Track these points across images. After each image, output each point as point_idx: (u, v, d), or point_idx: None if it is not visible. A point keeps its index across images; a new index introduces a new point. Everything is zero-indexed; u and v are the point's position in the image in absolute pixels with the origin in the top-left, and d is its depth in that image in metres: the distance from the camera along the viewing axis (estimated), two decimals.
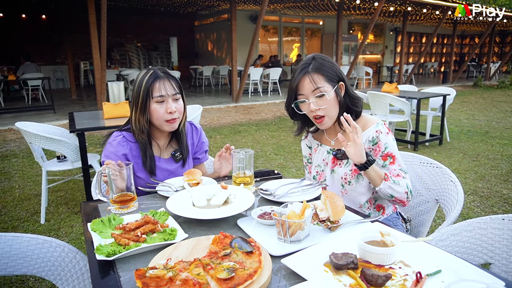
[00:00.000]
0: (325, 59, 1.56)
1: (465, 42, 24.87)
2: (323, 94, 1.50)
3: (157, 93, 1.60)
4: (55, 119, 7.70)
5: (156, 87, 1.60)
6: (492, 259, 1.15)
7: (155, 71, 1.63)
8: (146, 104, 1.61)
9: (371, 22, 11.28)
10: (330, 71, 1.53)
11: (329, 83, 1.52)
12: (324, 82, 1.51)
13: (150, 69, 1.65)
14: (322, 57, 1.57)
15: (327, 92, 1.50)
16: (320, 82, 1.51)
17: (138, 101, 1.61)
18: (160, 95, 1.60)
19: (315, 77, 1.50)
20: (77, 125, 3.29)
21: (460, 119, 8.03)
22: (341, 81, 1.56)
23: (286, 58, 18.05)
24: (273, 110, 9.45)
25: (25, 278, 2.47)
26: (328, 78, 1.52)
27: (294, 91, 1.55)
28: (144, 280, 0.84)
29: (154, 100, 1.61)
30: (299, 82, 1.53)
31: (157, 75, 1.62)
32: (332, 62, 1.57)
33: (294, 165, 4.89)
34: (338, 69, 1.56)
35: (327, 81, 1.51)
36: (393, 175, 1.49)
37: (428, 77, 19.99)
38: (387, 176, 1.46)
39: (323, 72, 1.51)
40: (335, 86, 1.53)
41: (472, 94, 12.73)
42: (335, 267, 0.90)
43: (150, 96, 1.60)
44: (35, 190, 4.11)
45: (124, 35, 15.79)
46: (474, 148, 5.57)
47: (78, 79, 14.65)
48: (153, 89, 1.60)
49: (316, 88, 1.50)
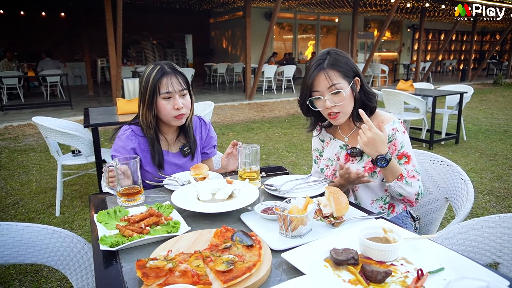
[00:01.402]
0: (340, 54, 1.52)
1: (485, 39, 24.20)
2: (339, 91, 1.46)
3: (164, 89, 1.60)
4: (72, 114, 7.86)
5: (163, 83, 1.60)
6: (501, 258, 1.12)
7: (162, 66, 1.63)
8: (153, 100, 1.61)
9: (387, 19, 11.10)
10: (345, 66, 1.49)
11: (345, 79, 1.48)
12: (340, 78, 1.47)
13: (157, 64, 1.65)
14: (337, 52, 1.53)
15: (343, 89, 1.46)
16: (336, 78, 1.47)
17: (145, 97, 1.62)
18: (167, 92, 1.60)
19: (330, 73, 1.46)
20: (91, 121, 3.36)
21: (478, 117, 7.84)
22: (356, 76, 1.52)
23: (301, 56, 17.95)
24: (287, 107, 9.42)
25: (39, 268, 2.54)
26: (344, 74, 1.48)
27: (309, 88, 1.51)
28: (144, 271, 0.85)
29: (161, 97, 1.61)
30: (314, 79, 1.48)
31: (164, 71, 1.61)
32: (347, 56, 1.53)
33: (306, 162, 4.87)
34: (353, 64, 1.52)
35: (343, 77, 1.47)
36: (410, 176, 1.46)
37: (446, 75, 19.56)
38: (401, 176, 1.44)
39: (338, 68, 1.47)
40: (351, 82, 1.49)
41: (492, 92, 12.40)
42: (335, 262, 0.89)
43: (157, 92, 1.60)
44: (51, 183, 4.21)
45: (140, 33, 15.98)
46: (491, 148, 5.43)
47: (95, 75, 14.92)
48: (160, 86, 1.60)
49: (332, 85, 1.46)
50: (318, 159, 1.78)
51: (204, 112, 3.88)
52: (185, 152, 1.77)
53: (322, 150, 1.76)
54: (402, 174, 1.45)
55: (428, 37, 21.19)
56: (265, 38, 9.75)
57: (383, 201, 1.58)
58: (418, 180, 1.46)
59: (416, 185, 1.44)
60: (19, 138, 6.39)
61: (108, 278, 0.89)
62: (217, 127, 6.95)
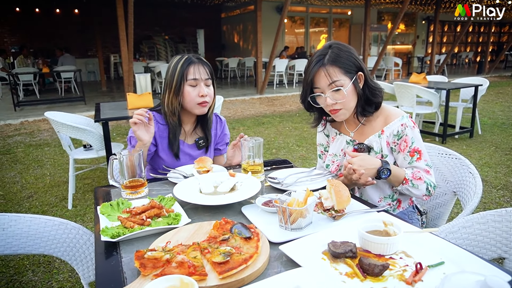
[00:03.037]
0: (342, 49, 1.46)
1: (504, 30, 23.50)
2: (340, 88, 1.42)
3: (191, 76, 1.67)
4: (86, 110, 7.98)
5: (191, 71, 1.67)
6: (507, 253, 1.09)
7: (189, 56, 1.71)
8: (180, 86, 1.68)
9: (400, 11, 10.89)
10: (347, 62, 1.43)
11: (346, 75, 1.43)
12: (340, 75, 1.42)
13: (185, 54, 1.72)
14: (339, 46, 1.47)
15: (344, 86, 1.41)
16: (336, 75, 1.41)
17: (173, 84, 1.68)
18: (194, 78, 1.68)
19: (330, 70, 1.41)
20: (102, 115, 3.40)
21: (494, 111, 7.65)
22: (360, 71, 1.46)
23: (313, 49, 17.79)
24: (298, 102, 9.27)
25: (51, 259, 2.60)
26: (345, 70, 1.42)
27: (310, 84, 1.47)
28: (142, 261, 0.86)
29: (188, 83, 1.68)
30: (314, 76, 1.44)
31: (191, 60, 1.69)
32: (350, 50, 1.47)
33: (316, 156, 4.82)
34: (356, 58, 1.46)
35: (344, 73, 1.42)
36: (415, 177, 1.42)
37: (462, 68, 19.11)
38: (406, 180, 1.42)
39: (339, 64, 1.42)
40: (353, 78, 1.44)
41: (510, 85, 12.07)
42: (333, 255, 0.89)
43: (184, 79, 1.67)
44: (64, 177, 4.30)
45: (152, 28, 16.07)
46: (508, 142, 5.30)
47: (109, 71, 15.10)
48: (188, 73, 1.67)
49: (332, 82, 1.41)
50: (323, 154, 1.75)
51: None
52: (200, 144, 1.82)
53: (327, 145, 1.72)
54: (406, 178, 1.42)
55: (444, 29, 20.69)
56: (276, 32, 9.69)
57: (391, 198, 1.55)
58: (424, 181, 1.42)
59: (423, 187, 1.42)
60: (34, 133, 6.53)
61: (107, 268, 0.91)
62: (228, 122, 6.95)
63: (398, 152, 1.49)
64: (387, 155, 1.49)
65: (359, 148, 1.51)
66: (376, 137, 1.50)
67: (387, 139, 1.49)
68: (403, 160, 1.48)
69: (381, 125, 1.52)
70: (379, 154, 1.49)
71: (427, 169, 1.45)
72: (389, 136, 1.48)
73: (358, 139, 1.57)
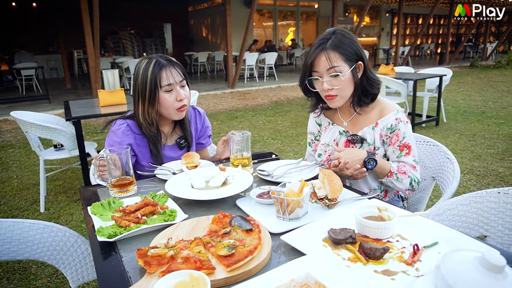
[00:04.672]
0: (346, 36, 1.45)
1: (461, 23, 24.63)
2: (338, 74, 1.43)
3: (165, 82, 1.56)
4: (51, 108, 7.64)
5: (163, 76, 1.56)
6: (488, 231, 1.17)
7: (157, 59, 1.58)
8: (155, 94, 1.57)
9: (366, 4, 11.15)
10: (349, 49, 1.43)
11: (346, 62, 1.44)
12: (340, 61, 1.43)
13: (151, 58, 1.60)
14: (343, 32, 1.46)
15: (342, 72, 1.43)
16: (337, 61, 1.43)
17: (145, 93, 1.57)
18: (169, 84, 1.57)
19: (331, 55, 1.42)
20: (73, 113, 3.27)
21: (456, 99, 8.04)
22: (360, 61, 1.46)
23: (282, 43, 17.88)
24: (269, 95, 9.41)
25: (27, 265, 2.50)
26: (346, 57, 1.43)
27: (309, 67, 1.47)
28: (146, 259, 0.85)
29: (163, 90, 1.57)
30: (314, 59, 1.44)
31: (162, 64, 1.57)
32: (353, 38, 1.47)
33: (291, 149, 4.90)
34: (358, 47, 1.46)
35: (344, 60, 1.43)
36: (400, 171, 1.46)
37: (425, 59, 19.90)
38: (390, 173, 1.46)
39: (341, 50, 1.42)
40: (353, 66, 1.45)
41: (469, 74, 12.71)
42: (334, 242, 0.91)
43: (158, 86, 1.56)
44: (33, 179, 4.11)
45: (117, 22, 15.54)
46: (470, 128, 5.59)
47: (72, 68, 14.49)
48: (161, 79, 1.56)
49: (332, 67, 1.42)
50: (313, 142, 1.76)
51: None
52: (182, 145, 1.76)
53: (318, 135, 1.74)
54: (391, 171, 1.46)
55: (407, 21, 21.41)
56: (246, 25, 9.66)
57: (380, 189, 1.59)
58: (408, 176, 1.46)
59: (407, 182, 1.46)
60: None
61: (109, 269, 0.89)
62: None
63: (388, 145, 1.52)
64: (379, 147, 1.52)
65: (352, 140, 1.53)
66: (370, 129, 1.52)
67: (381, 131, 1.51)
68: (392, 154, 1.51)
69: (375, 117, 1.53)
70: (372, 146, 1.52)
71: (414, 165, 1.49)
72: (383, 129, 1.51)
73: (351, 129, 1.58)
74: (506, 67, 14.20)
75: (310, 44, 18.18)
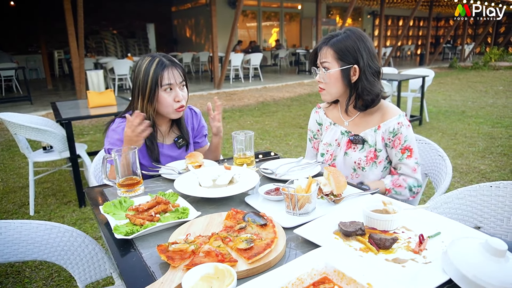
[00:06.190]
0: (351, 36, 1.49)
1: (440, 25, 25.36)
2: (325, 70, 1.52)
3: (166, 81, 1.60)
4: (33, 110, 7.48)
5: (165, 75, 1.60)
6: (482, 223, 1.25)
7: (161, 59, 1.62)
8: (155, 92, 1.61)
9: (350, 6, 11.36)
10: (345, 50, 1.48)
11: (338, 61, 1.49)
12: (332, 59, 1.50)
13: (154, 56, 1.64)
14: (349, 35, 1.50)
15: (330, 69, 1.51)
16: (328, 57, 1.51)
17: (146, 90, 1.61)
18: (169, 83, 1.61)
19: (327, 50, 1.51)
20: (63, 115, 3.24)
21: (437, 99, 8.28)
22: (356, 65, 1.49)
23: (265, 44, 17.97)
24: (256, 95, 9.47)
25: (21, 268, 2.47)
26: (339, 57, 1.49)
27: (314, 55, 1.60)
28: (168, 254, 0.88)
29: (163, 89, 1.61)
30: (317, 49, 1.57)
31: (164, 64, 1.61)
32: (357, 41, 1.48)
33: (280, 149, 4.97)
34: (360, 52, 1.47)
35: (336, 59, 1.49)
36: (396, 185, 1.53)
37: (406, 60, 20.37)
38: (387, 190, 1.53)
39: (336, 49, 1.49)
40: (344, 67, 1.49)
41: (448, 75, 13.10)
42: (345, 234, 0.97)
43: (159, 85, 1.60)
44: (19, 182, 4.04)
45: (99, 22, 15.32)
46: (452, 127, 5.79)
47: (53, 68, 14.18)
48: (162, 78, 1.60)
49: (322, 62, 1.53)
50: (312, 139, 1.83)
51: None
52: (180, 144, 1.78)
53: (317, 133, 1.80)
54: (387, 188, 1.53)
55: (388, 23, 21.88)
56: (232, 26, 9.68)
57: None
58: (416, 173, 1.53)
59: (406, 192, 1.53)
60: None
61: (130, 265, 0.92)
62: None
63: (391, 148, 1.57)
64: (381, 149, 1.57)
65: (354, 140, 1.59)
66: (372, 131, 1.57)
67: (383, 134, 1.56)
68: (394, 156, 1.57)
69: (378, 120, 1.58)
70: (373, 148, 1.57)
71: (415, 167, 1.55)
72: (385, 132, 1.55)
73: (352, 130, 1.63)
74: (483, 68, 14.71)
75: (294, 45, 18.36)
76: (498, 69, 14.42)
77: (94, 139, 5.75)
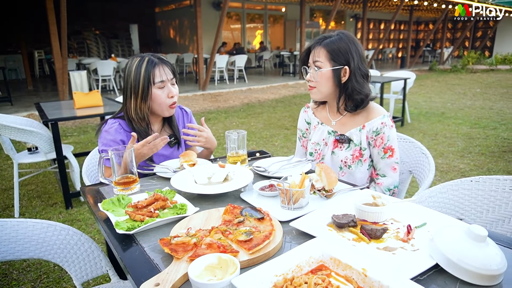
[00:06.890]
0: (343, 39, 1.55)
1: (420, 28, 26.02)
2: (316, 69, 1.58)
3: (158, 78, 1.64)
4: (14, 111, 7.31)
5: (157, 73, 1.64)
6: (463, 215, 1.33)
7: (150, 58, 1.66)
8: (148, 90, 1.65)
9: (333, 9, 11.54)
10: (338, 51, 1.54)
11: (330, 62, 1.55)
12: (324, 58, 1.56)
13: (143, 56, 1.67)
14: (342, 37, 1.56)
15: (321, 68, 1.57)
16: (320, 57, 1.57)
17: (138, 89, 1.64)
18: (161, 81, 1.65)
19: (320, 50, 1.57)
20: (49, 116, 3.21)
21: (418, 101, 8.52)
22: (346, 66, 1.55)
23: (250, 45, 18.06)
24: (241, 97, 9.51)
25: (8, 271, 2.44)
26: (331, 57, 1.55)
27: (306, 54, 1.65)
28: (171, 247, 0.92)
29: (156, 86, 1.65)
30: (310, 48, 1.62)
31: (154, 62, 1.65)
32: (349, 44, 1.55)
33: (266, 149, 5.03)
34: (351, 54, 1.54)
35: (328, 59, 1.55)
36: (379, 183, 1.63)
37: (387, 62, 20.81)
38: None
39: (328, 49, 1.55)
40: (336, 67, 1.55)
41: (428, 78, 13.46)
42: (338, 226, 1.02)
43: (151, 83, 1.64)
44: (2, 184, 3.96)
45: (81, 22, 15.07)
46: (432, 128, 5.97)
47: (33, 69, 13.87)
48: (154, 75, 1.64)
49: (314, 61, 1.59)
50: (301, 138, 1.89)
51: None
52: (172, 142, 1.81)
53: (306, 132, 1.86)
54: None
55: (370, 26, 22.31)
56: (217, 28, 9.71)
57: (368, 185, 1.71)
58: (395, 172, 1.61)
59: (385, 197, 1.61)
60: None
61: (134, 258, 0.95)
62: None
63: (373, 147, 1.64)
64: (365, 148, 1.64)
65: (340, 139, 1.65)
66: (357, 131, 1.63)
67: (367, 133, 1.62)
68: (376, 154, 1.64)
69: (363, 120, 1.64)
70: (358, 147, 1.64)
71: (395, 166, 1.63)
72: (369, 132, 1.62)
73: (339, 130, 1.70)
74: (461, 71, 15.18)
75: (278, 47, 18.51)
76: (476, 72, 14.91)
77: (78, 141, 5.67)
